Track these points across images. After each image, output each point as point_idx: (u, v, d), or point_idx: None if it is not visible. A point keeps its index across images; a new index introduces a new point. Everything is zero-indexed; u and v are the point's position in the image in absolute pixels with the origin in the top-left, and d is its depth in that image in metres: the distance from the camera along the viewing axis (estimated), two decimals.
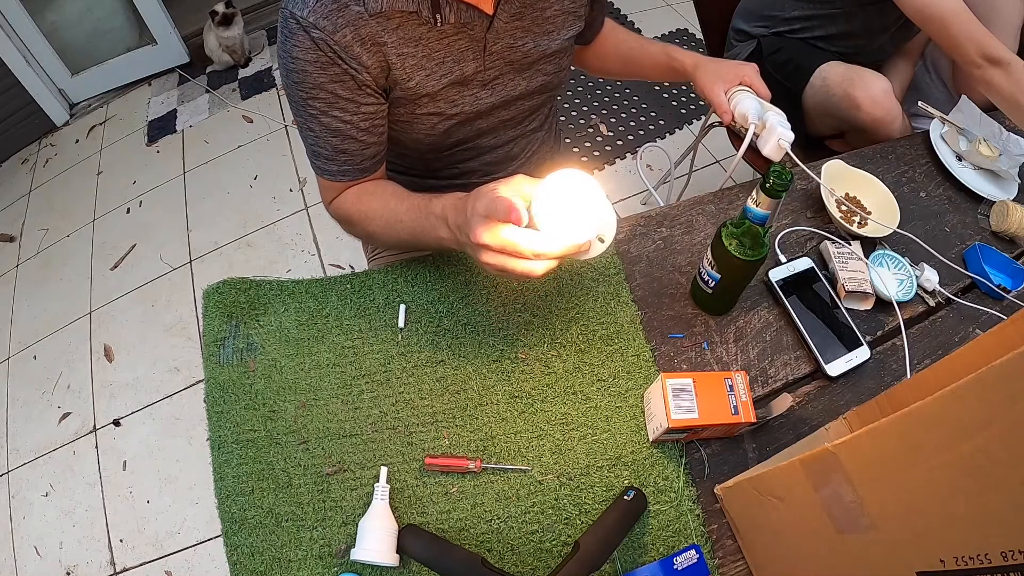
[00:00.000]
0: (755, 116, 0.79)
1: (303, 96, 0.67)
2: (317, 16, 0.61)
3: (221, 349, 0.72)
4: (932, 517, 0.36)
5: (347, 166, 0.73)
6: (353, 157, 0.72)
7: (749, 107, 0.79)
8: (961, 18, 0.93)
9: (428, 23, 0.66)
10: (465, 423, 0.67)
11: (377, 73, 0.66)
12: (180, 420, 1.61)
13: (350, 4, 0.62)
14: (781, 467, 0.49)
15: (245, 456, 0.66)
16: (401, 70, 0.67)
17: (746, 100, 0.80)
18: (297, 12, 0.61)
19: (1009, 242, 0.88)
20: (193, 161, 2.25)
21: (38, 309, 1.92)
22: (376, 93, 0.69)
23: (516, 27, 0.72)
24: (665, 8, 2.67)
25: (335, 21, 0.61)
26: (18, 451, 1.63)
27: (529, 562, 0.60)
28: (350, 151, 0.72)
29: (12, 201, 2.27)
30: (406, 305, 0.75)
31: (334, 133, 0.69)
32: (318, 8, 0.61)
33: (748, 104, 0.79)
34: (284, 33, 0.64)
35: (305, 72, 0.64)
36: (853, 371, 0.72)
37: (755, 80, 0.84)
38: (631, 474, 0.64)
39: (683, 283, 0.79)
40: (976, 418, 0.32)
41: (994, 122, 0.98)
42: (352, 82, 0.65)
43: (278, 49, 0.67)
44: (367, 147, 0.72)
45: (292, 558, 0.60)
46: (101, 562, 1.41)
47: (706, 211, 0.87)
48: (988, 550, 0.32)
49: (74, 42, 2.41)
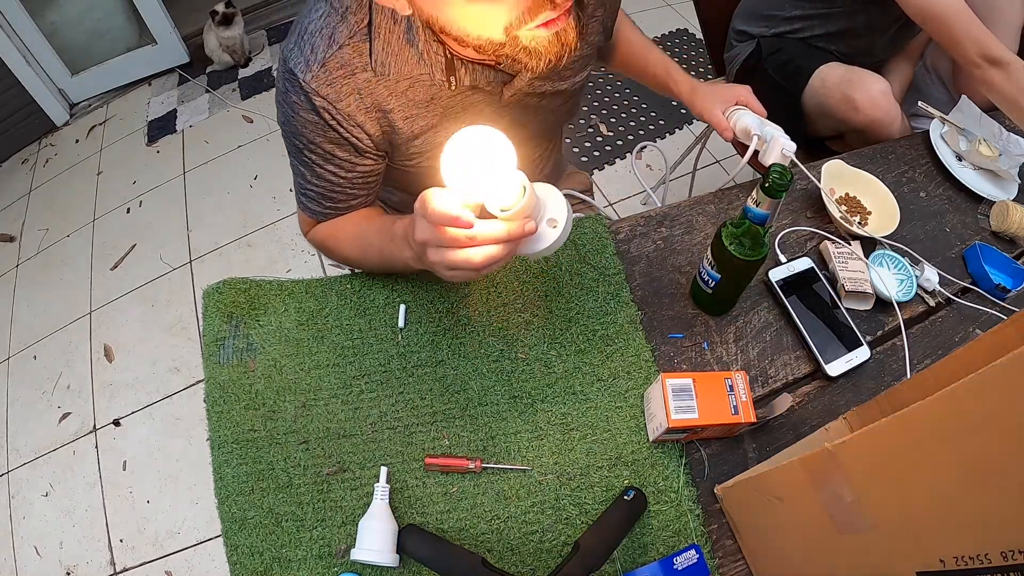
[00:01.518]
0: (757, 129, 0.81)
1: (298, 146, 0.65)
2: (320, 83, 0.58)
3: (221, 349, 0.72)
4: (932, 517, 0.36)
5: (331, 211, 0.73)
6: (339, 205, 0.72)
7: (750, 122, 0.82)
8: (962, 18, 0.93)
9: (440, 85, 0.63)
10: (465, 423, 0.67)
11: (379, 139, 0.65)
12: (180, 420, 1.61)
13: (356, 71, 0.59)
14: (781, 467, 0.49)
15: (245, 456, 0.66)
16: (408, 132, 0.65)
17: (745, 116, 0.83)
18: (299, 74, 0.58)
19: (1009, 242, 0.88)
20: (193, 161, 2.25)
21: (38, 309, 1.92)
22: (375, 154, 0.67)
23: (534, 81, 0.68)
24: (665, 8, 2.67)
25: (339, 89, 0.59)
26: (18, 451, 1.63)
27: (529, 562, 0.60)
28: (338, 200, 0.71)
29: (12, 201, 2.27)
30: (406, 305, 0.75)
31: (326, 185, 0.68)
32: (321, 75, 0.58)
33: (748, 119, 0.83)
34: (283, 87, 0.61)
35: (303, 129, 0.62)
36: (853, 371, 0.72)
37: (750, 99, 0.86)
38: (631, 474, 0.64)
39: (683, 283, 0.79)
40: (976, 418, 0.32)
41: (994, 122, 0.98)
42: (351, 147, 0.64)
43: (276, 95, 0.63)
44: (356, 198, 0.72)
45: (292, 558, 0.60)
46: (101, 562, 1.41)
47: (706, 211, 0.87)
48: (988, 550, 0.32)
49: (74, 42, 2.41)
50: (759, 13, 1.29)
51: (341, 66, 0.58)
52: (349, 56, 0.58)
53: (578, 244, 0.80)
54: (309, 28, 0.59)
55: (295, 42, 0.59)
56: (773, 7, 1.25)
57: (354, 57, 0.58)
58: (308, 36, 0.58)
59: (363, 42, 0.58)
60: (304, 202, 0.73)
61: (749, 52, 1.30)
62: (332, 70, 0.58)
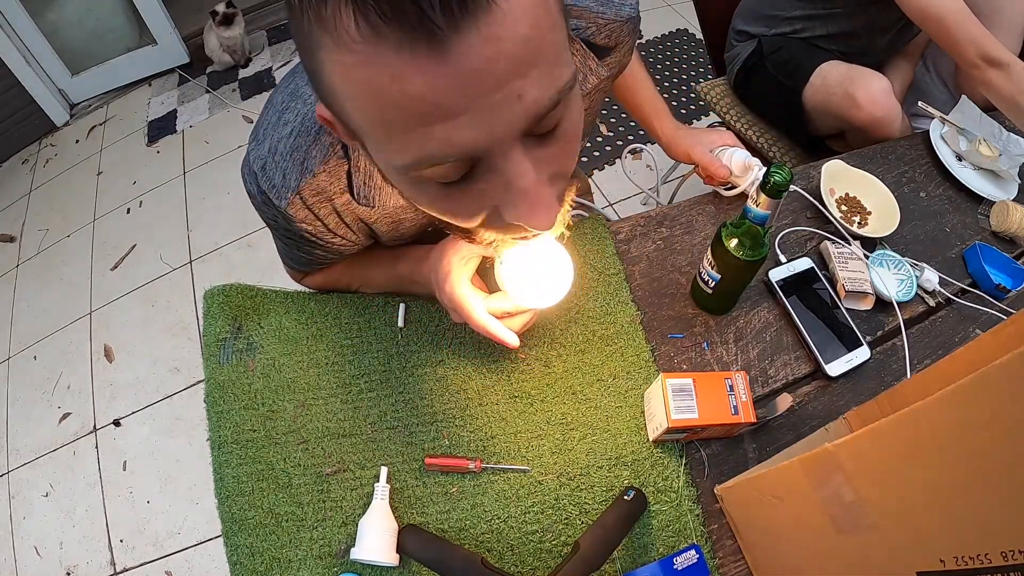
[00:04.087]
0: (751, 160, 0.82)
1: (279, 233, 0.62)
2: (296, 208, 0.54)
3: (222, 349, 0.72)
4: (932, 517, 0.36)
5: (318, 268, 0.71)
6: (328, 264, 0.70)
7: (742, 155, 0.83)
8: (961, 18, 0.93)
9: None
10: (465, 423, 0.67)
11: (365, 239, 0.64)
12: (180, 420, 1.61)
13: (335, 196, 0.55)
14: (781, 467, 0.49)
15: (245, 456, 0.65)
16: (395, 233, 0.64)
17: (737, 152, 0.84)
18: (273, 199, 0.54)
19: (1009, 242, 0.88)
20: (193, 161, 2.25)
21: (38, 309, 1.92)
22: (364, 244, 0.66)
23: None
24: (665, 8, 2.67)
25: (318, 211, 0.56)
26: (18, 451, 1.63)
27: (529, 562, 0.60)
28: (327, 263, 0.70)
29: (12, 201, 2.27)
30: (406, 304, 0.75)
31: (312, 258, 0.66)
32: (297, 202, 0.54)
33: (740, 154, 0.83)
34: (256, 195, 0.55)
35: (284, 232, 0.60)
36: (853, 371, 0.72)
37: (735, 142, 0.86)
38: (631, 474, 0.64)
39: (683, 283, 0.79)
40: (976, 418, 0.32)
41: (994, 122, 0.98)
42: (337, 245, 0.62)
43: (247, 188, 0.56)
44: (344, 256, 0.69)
45: (292, 558, 0.60)
46: (101, 562, 1.41)
47: (706, 211, 0.87)
48: (988, 550, 0.32)
49: (74, 42, 2.41)
50: (760, 13, 1.29)
51: (317, 193, 0.54)
52: (325, 183, 0.54)
53: (578, 244, 0.80)
54: (279, 149, 0.53)
55: (265, 159, 0.53)
56: (774, 7, 1.26)
57: (331, 183, 0.54)
58: (278, 158, 0.53)
59: (340, 164, 0.53)
60: (288, 263, 0.72)
61: (750, 52, 1.30)
62: (308, 197, 0.54)
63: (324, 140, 0.53)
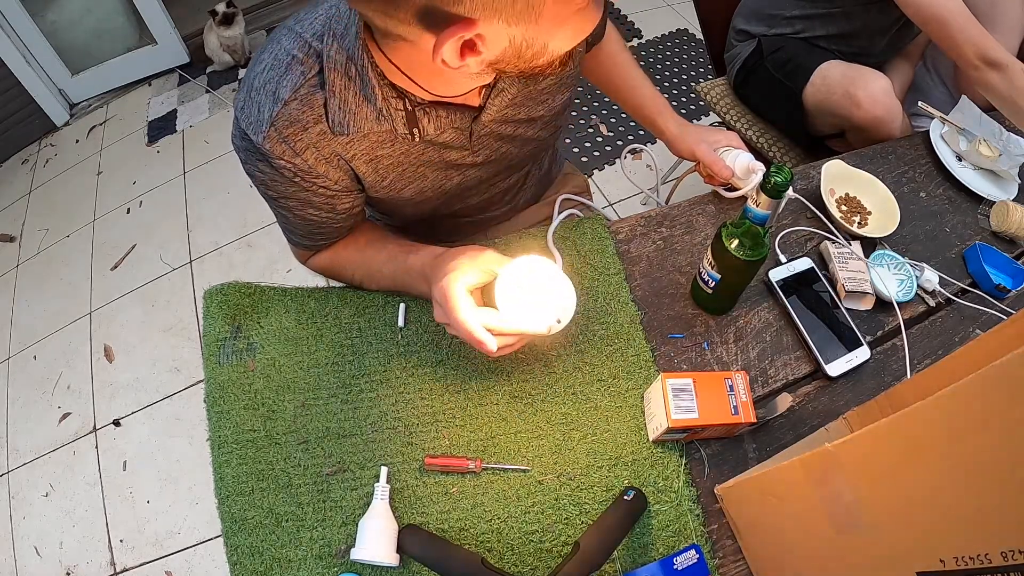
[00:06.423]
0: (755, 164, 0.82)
1: (271, 196, 0.64)
2: (272, 142, 0.56)
3: (221, 349, 0.72)
4: (932, 517, 0.36)
5: (323, 243, 0.72)
6: (330, 236, 0.72)
7: (746, 158, 0.83)
8: (960, 19, 0.93)
9: (402, 138, 0.61)
10: (465, 423, 0.67)
11: (348, 182, 0.63)
12: (180, 420, 1.61)
13: (308, 126, 0.56)
14: (781, 467, 0.49)
15: (245, 456, 0.65)
16: (375, 174, 0.64)
17: (742, 155, 0.84)
18: (252, 135, 0.56)
19: (1009, 242, 0.88)
20: (193, 161, 2.25)
21: (38, 309, 1.92)
22: (350, 191, 0.65)
23: (507, 110, 0.66)
24: (665, 8, 2.67)
25: (294, 145, 0.56)
26: (18, 451, 1.63)
27: (529, 562, 0.60)
28: (327, 234, 0.71)
29: (12, 201, 2.27)
30: (406, 304, 0.75)
31: (310, 224, 0.67)
32: (272, 134, 0.55)
33: (744, 157, 0.83)
34: (241, 144, 0.58)
35: (271, 183, 0.61)
36: (853, 371, 0.72)
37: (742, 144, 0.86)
38: (631, 474, 0.64)
39: (683, 283, 0.79)
40: (976, 418, 0.32)
41: (994, 122, 0.98)
42: (323, 191, 0.62)
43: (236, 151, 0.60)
44: (345, 227, 0.71)
45: (292, 558, 0.60)
46: (101, 562, 1.41)
47: (706, 211, 0.87)
48: (988, 550, 0.32)
49: (74, 42, 2.41)
50: (760, 13, 1.29)
51: (291, 123, 0.55)
52: (297, 111, 0.55)
53: (578, 244, 0.81)
54: (255, 84, 0.56)
55: (243, 100, 0.57)
56: (774, 7, 1.26)
57: (304, 111, 0.56)
58: (254, 93, 0.56)
59: (313, 94, 0.55)
60: (291, 238, 0.73)
61: (750, 51, 1.30)
62: (282, 128, 0.55)
63: (295, 70, 0.55)
